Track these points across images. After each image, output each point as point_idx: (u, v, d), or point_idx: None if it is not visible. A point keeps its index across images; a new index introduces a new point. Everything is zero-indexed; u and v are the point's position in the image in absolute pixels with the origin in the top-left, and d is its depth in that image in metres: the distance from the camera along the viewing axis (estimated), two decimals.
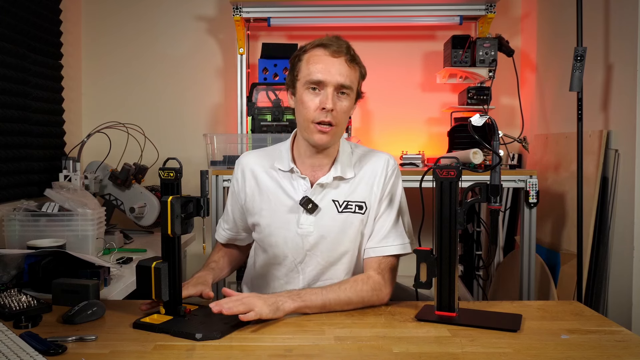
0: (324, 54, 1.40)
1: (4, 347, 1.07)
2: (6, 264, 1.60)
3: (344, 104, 1.41)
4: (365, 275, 1.44)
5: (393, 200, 1.51)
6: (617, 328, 1.26)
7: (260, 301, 1.26)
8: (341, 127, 1.45)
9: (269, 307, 1.26)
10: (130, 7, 3.04)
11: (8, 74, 2.23)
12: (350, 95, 1.42)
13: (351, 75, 1.41)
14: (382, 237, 1.48)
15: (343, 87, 1.40)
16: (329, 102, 1.38)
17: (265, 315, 1.25)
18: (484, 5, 2.77)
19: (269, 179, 1.52)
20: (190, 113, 3.05)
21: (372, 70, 3.17)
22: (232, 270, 1.67)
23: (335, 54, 1.39)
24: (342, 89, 1.40)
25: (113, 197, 2.46)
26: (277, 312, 1.27)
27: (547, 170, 2.68)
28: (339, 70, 1.39)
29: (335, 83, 1.39)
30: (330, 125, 1.40)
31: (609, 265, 2.18)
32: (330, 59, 1.39)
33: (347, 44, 1.43)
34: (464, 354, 1.11)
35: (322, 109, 1.39)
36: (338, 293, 1.36)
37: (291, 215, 1.48)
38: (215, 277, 1.54)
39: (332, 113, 1.39)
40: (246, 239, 1.66)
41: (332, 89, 1.39)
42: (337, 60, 1.39)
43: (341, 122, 1.43)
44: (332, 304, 1.36)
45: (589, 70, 2.22)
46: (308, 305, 1.33)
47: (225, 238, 1.65)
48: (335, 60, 1.39)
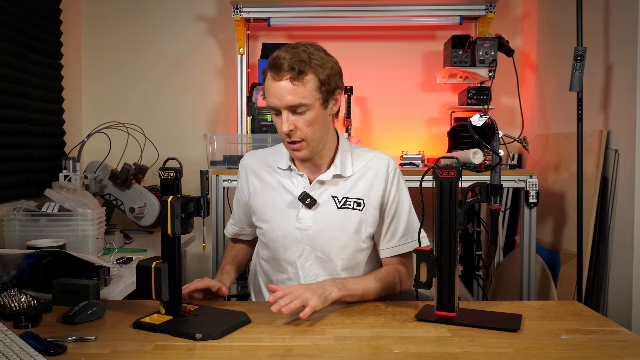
0: (270, 77, 1.39)
1: (4, 347, 1.07)
2: (6, 264, 1.60)
3: (304, 118, 1.40)
4: (393, 268, 1.54)
5: (402, 200, 1.56)
6: (617, 328, 1.26)
7: (310, 293, 1.31)
8: (314, 138, 1.43)
9: (319, 298, 1.31)
10: (130, 7, 3.04)
11: (8, 74, 2.23)
12: (309, 107, 1.39)
13: (300, 91, 1.37)
14: (401, 236, 1.55)
15: (293, 107, 1.39)
16: (285, 125, 1.40)
17: (318, 307, 1.30)
18: (484, 5, 2.77)
19: (270, 177, 1.57)
20: (190, 113, 3.05)
21: (372, 70, 3.19)
22: (240, 271, 1.72)
23: (277, 77, 1.37)
24: (294, 109, 1.39)
25: (113, 197, 2.46)
26: (326, 302, 1.33)
27: (547, 170, 2.68)
28: (284, 92, 1.37)
29: (285, 106, 1.39)
30: (298, 142, 1.43)
31: (609, 265, 2.18)
32: (275, 84, 1.38)
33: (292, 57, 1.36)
34: (464, 354, 1.11)
35: None
36: (375, 284, 1.46)
37: (290, 210, 1.52)
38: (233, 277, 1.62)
39: (294, 132, 1.41)
40: (251, 234, 1.73)
41: (286, 112, 1.40)
42: (281, 83, 1.37)
43: (309, 134, 1.42)
44: (369, 292, 1.45)
45: (589, 70, 2.22)
46: (350, 294, 1.41)
47: (232, 233, 1.74)
48: (279, 83, 1.37)
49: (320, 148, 1.48)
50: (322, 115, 1.43)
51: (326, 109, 1.44)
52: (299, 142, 1.43)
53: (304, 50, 1.39)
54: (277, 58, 1.38)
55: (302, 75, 1.37)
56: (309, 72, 1.38)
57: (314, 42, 1.44)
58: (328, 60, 1.42)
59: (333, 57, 1.45)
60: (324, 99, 1.42)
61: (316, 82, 1.39)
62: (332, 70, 1.42)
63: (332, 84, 1.42)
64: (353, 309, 1.40)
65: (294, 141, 1.43)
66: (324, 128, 1.46)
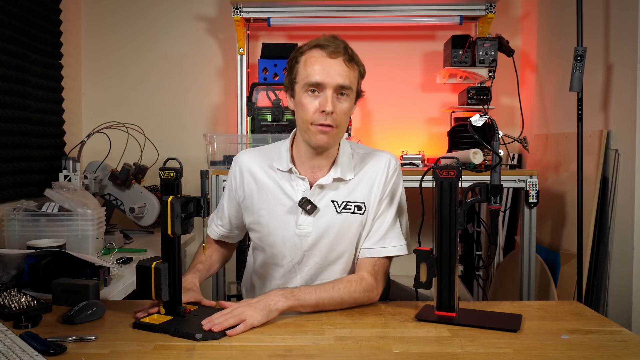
0: (322, 55, 1.37)
1: (4, 347, 1.07)
2: (6, 264, 1.60)
3: (344, 106, 1.39)
4: (359, 276, 1.44)
5: (393, 201, 1.50)
6: (617, 328, 1.26)
7: (251, 309, 1.25)
8: (342, 128, 1.42)
9: (260, 313, 1.25)
10: (130, 7, 3.04)
11: (8, 74, 2.23)
12: (349, 95, 1.40)
13: (350, 75, 1.38)
14: (379, 238, 1.47)
15: (343, 88, 1.37)
16: (329, 104, 1.36)
17: (257, 323, 1.24)
18: (484, 5, 2.77)
19: (268, 179, 1.51)
20: (190, 113, 3.05)
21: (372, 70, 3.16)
22: (221, 265, 1.66)
23: (332, 55, 1.37)
24: (342, 90, 1.38)
25: (113, 197, 2.46)
26: (270, 314, 1.27)
27: (547, 170, 2.68)
28: (337, 71, 1.36)
29: (335, 84, 1.36)
30: (331, 127, 1.39)
31: (609, 265, 2.18)
32: (328, 60, 1.37)
33: (345, 43, 1.40)
34: (464, 354, 1.11)
35: (322, 112, 1.37)
36: (332, 293, 1.36)
37: (290, 215, 1.47)
38: (202, 277, 1.52)
39: (332, 115, 1.37)
40: (237, 237, 1.65)
41: (331, 91, 1.36)
42: (335, 61, 1.37)
43: (341, 123, 1.41)
44: (325, 303, 1.35)
45: (589, 70, 2.22)
46: (302, 304, 1.32)
47: (218, 234, 1.64)
48: (333, 61, 1.37)
49: (336, 141, 1.46)
50: (352, 109, 1.45)
51: (355, 105, 1.46)
52: (331, 126, 1.38)
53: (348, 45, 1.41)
54: (328, 40, 1.38)
55: (353, 62, 1.40)
56: (356, 62, 1.41)
57: None
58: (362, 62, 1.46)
59: None
60: (357, 94, 1.45)
61: (358, 74, 1.43)
62: (364, 71, 1.46)
63: (360, 84, 1.46)
64: (353, 309, 1.39)
65: (330, 124, 1.37)
66: (347, 123, 1.46)
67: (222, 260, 1.67)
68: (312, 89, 1.38)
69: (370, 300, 1.43)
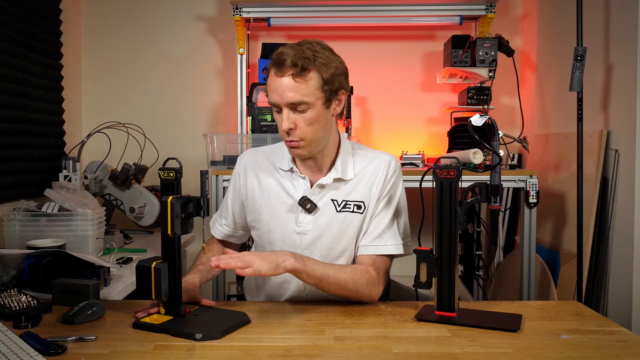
0: (273, 73, 1.36)
1: (4, 347, 1.07)
2: (6, 264, 1.60)
3: (305, 117, 1.37)
4: (364, 267, 1.44)
5: (391, 200, 1.50)
6: (617, 328, 1.26)
7: (259, 258, 1.27)
8: (313, 137, 1.40)
9: (268, 264, 1.27)
10: (130, 7, 3.04)
11: (8, 74, 2.23)
12: (310, 106, 1.36)
13: (301, 89, 1.34)
14: (376, 236, 1.48)
15: (294, 105, 1.35)
16: (284, 123, 1.37)
17: (264, 272, 1.26)
18: (484, 5, 2.77)
19: (271, 177, 1.52)
20: (190, 113, 3.05)
21: (372, 70, 3.18)
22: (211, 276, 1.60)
23: (279, 73, 1.35)
24: (295, 106, 1.36)
25: (113, 197, 2.46)
26: (277, 269, 1.29)
27: (547, 170, 2.68)
28: (286, 89, 1.34)
29: (286, 103, 1.35)
30: (297, 141, 1.39)
31: (609, 265, 2.18)
32: (277, 80, 1.35)
33: (295, 53, 1.34)
34: (464, 354, 1.11)
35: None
36: (338, 273, 1.38)
37: (290, 213, 1.48)
38: (203, 278, 1.51)
39: (293, 131, 1.38)
40: (242, 237, 1.65)
41: (286, 109, 1.36)
42: (284, 79, 1.34)
43: (309, 134, 1.38)
44: (329, 280, 1.37)
45: (589, 70, 2.22)
46: (307, 272, 1.34)
47: (222, 234, 1.64)
48: (281, 79, 1.35)
49: (320, 148, 1.45)
50: (324, 115, 1.40)
51: (328, 109, 1.41)
52: (297, 141, 1.39)
53: (309, 47, 1.36)
54: (281, 54, 1.35)
55: (305, 73, 1.34)
56: (313, 69, 1.35)
57: (320, 41, 1.41)
58: (333, 59, 1.39)
59: (339, 57, 1.42)
60: (327, 99, 1.39)
61: (319, 81, 1.36)
62: (336, 70, 1.39)
63: (335, 84, 1.39)
64: (353, 309, 1.40)
65: (292, 139, 1.39)
66: (325, 128, 1.42)
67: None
68: (275, 108, 1.40)
69: (371, 296, 1.43)
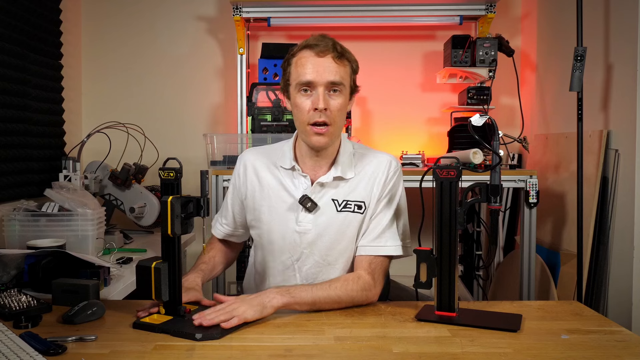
0: (311, 54, 1.40)
1: (4, 347, 1.07)
2: (6, 264, 1.59)
3: (337, 101, 1.41)
4: (356, 274, 1.44)
5: (392, 201, 1.51)
6: (617, 328, 1.26)
7: (245, 305, 1.26)
8: (337, 125, 1.44)
9: (254, 309, 1.25)
10: (130, 7, 3.04)
11: (8, 74, 2.23)
12: (342, 91, 1.42)
13: (340, 71, 1.40)
14: (375, 237, 1.48)
15: (334, 85, 1.40)
16: (321, 101, 1.38)
17: (250, 318, 1.24)
18: (484, 5, 2.77)
19: (271, 176, 1.53)
20: (190, 113, 3.05)
21: (372, 70, 3.18)
22: (225, 267, 1.67)
23: (321, 53, 1.39)
24: (333, 87, 1.40)
25: (113, 197, 2.46)
26: (264, 311, 1.27)
27: (547, 170, 2.68)
28: (327, 68, 1.39)
29: (325, 82, 1.39)
30: (326, 124, 1.40)
31: (609, 265, 2.18)
32: (317, 59, 1.39)
33: (333, 41, 1.42)
34: (464, 354, 1.11)
35: (315, 110, 1.39)
36: (328, 291, 1.37)
37: (290, 212, 1.48)
38: (205, 277, 1.52)
39: (326, 112, 1.39)
40: (242, 236, 1.66)
41: (322, 88, 1.39)
42: (324, 59, 1.39)
43: (337, 120, 1.42)
44: (321, 301, 1.36)
45: (589, 70, 2.22)
46: (297, 302, 1.33)
47: (223, 233, 1.65)
48: (322, 59, 1.39)
49: (334, 140, 1.46)
50: (347, 105, 1.46)
51: (350, 101, 1.48)
52: (325, 126, 1.40)
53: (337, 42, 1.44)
54: (317, 39, 1.41)
55: (343, 59, 1.41)
56: (347, 57, 1.43)
57: None
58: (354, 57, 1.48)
59: None
60: (352, 89, 1.46)
61: (350, 70, 1.44)
62: (357, 68, 1.48)
63: (356, 79, 1.48)
64: (353, 309, 1.40)
65: (323, 122, 1.40)
66: (344, 120, 1.48)
67: (226, 262, 1.67)
68: (304, 88, 1.41)
69: (369, 300, 1.43)
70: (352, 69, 1.45)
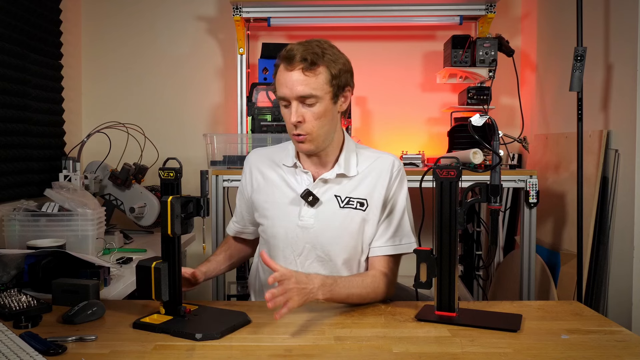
0: (283, 68, 1.41)
1: (4, 347, 1.07)
2: (6, 264, 1.60)
3: (312, 111, 1.41)
4: (380, 272, 1.49)
5: (398, 201, 1.54)
6: (617, 328, 1.26)
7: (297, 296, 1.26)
8: (318, 133, 1.44)
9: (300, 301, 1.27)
10: (130, 7, 3.04)
11: (8, 74, 2.23)
12: (319, 100, 1.41)
13: (311, 82, 1.39)
14: (390, 236, 1.52)
15: (304, 98, 1.40)
16: (293, 115, 1.41)
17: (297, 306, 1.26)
18: (484, 5, 2.77)
19: (274, 174, 1.57)
20: (190, 113, 3.05)
21: (372, 70, 3.18)
22: (231, 265, 1.70)
23: (289, 67, 1.39)
24: (305, 100, 1.40)
25: (113, 197, 2.46)
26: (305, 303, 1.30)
27: (547, 170, 2.68)
28: (295, 82, 1.39)
29: (296, 96, 1.40)
30: (303, 135, 1.43)
31: (609, 265, 2.18)
32: (286, 74, 1.40)
33: (305, 49, 1.39)
34: (464, 354, 1.11)
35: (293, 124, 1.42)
36: (360, 289, 1.41)
37: (292, 207, 1.51)
38: (210, 268, 1.57)
39: (301, 125, 1.42)
40: (254, 233, 1.70)
41: (295, 102, 1.41)
42: (293, 73, 1.39)
43: (316, 127, 1.43)
44: (353, 297, 1.41)
45: (589, 70, 2.22)
46: (334, 298, 1.37)
47: (234, 230, 1.71)
48: (291, 73, 1.39)
49: (326, 144, 1.49)
50: (331, 110, 1.45)
51: (335, 105, 1.46)
52: (304, 135, 1.43)
53: (318, 45, 1.41)
54: (290, 50, 1.40)
55: (315, 67, 1.39)
56: (321, 64, 1.40)
57: (327, 40, 1.46)
58: (340, 56, 1.45)
59: (345, 56, 1.48)
60: (334, 94, 1.44)
61: (327, 75, 1.41)
62: (344, 67, 1.44)
63: (342, 80, 1.44)
64: (353, 309, 1.40)
65: (300, 133, 1.43)
66: (331, 123, 1.47)
67: (233, 259, 1.70)
68: (283, 102, 1.44)
69: (389, 297, 1.49)
70: (331, 74, 1.41)
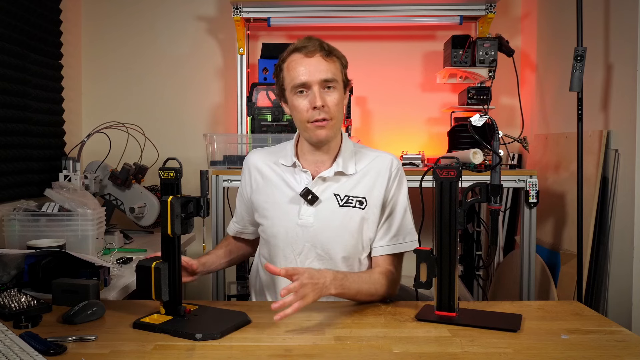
0: (300, 56, 1.46)
1: (4, 347, 1.07)
2: (6, 264, 1.60)
3: (333, 97, 1.46)
4: (387, 270, 1.51)
5: (399, 200, 1.55)
6: (617, 328, 1.26)
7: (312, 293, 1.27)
8: (337, 119, 1.49)
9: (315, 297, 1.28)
10: (130, 7, 3.04)
11: (8, 74, 2.23)
12: (336, 87, 1.47)
13: (331, 68, 1.46)
14: (393, 235, 1.53)
15: (327, 82, 1.45)
16: (318, 99, 1.44)
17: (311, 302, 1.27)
18: (484, 5, 2.77)
19: (273, 173, 1.58)
20: (190, 113, 3.05)
21: (372, 70, 3.18)
22: (231, 262, 1.71)
23: (310, 54, 1.45)
24: (327, 84, 1.45)
25: (113, 197, 2.46)
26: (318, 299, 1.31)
27: (547, 170, 2.68)
28: (317, 67, 1.44)
29: (318, 80, 1.44)
30: (326, 120, 1.46)
31: (609, 265, 2.18)
32: (307, 60, 1.45)
33: (319, 41, 1.48)
34: (464, 354, 1.11)
35: (314, 108, 1.44)
36: (369, 285, 1.43)
37: (292, 206, 1.52)
38: (210, 260, 1.59)
39: (324, 109, 1.45)
40: (254, 233, 1.70)
41: (317, 87, 1.44)
42: (314, 59, 1.45)
43: (336, 114, 1.48)
44: (362, 294, 1.42)
45: (589, 70, 2.22)
46: (345, 293, 1.38)
47: (234, 231, 1.72)
48: (311, 59, 1.45)
49: (335, 133, 1.51)
50: (342, 99, 1.51)
51: (345, 95, 1.52)
52: (327, 120, 1.46)
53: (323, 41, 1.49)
54: (304, 41, 1.46)
55: (332, 56, 1.47)
56: (335, 54, 1.48)
57: None
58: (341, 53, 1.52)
59: None
60: (345, 83, 1.51)
61: (340, 65, 1.49)
62: (346, 63, 1.52)
63: (347, 75, 1.53)
64: (353, 309, 1.40)
65: (324, 118, 1.45)
66: (342, 114, 1.53)
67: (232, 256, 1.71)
68: (299, 90, 1.46)
69: (394, 294, 1.51)
70: (342, 64, 1.50)
